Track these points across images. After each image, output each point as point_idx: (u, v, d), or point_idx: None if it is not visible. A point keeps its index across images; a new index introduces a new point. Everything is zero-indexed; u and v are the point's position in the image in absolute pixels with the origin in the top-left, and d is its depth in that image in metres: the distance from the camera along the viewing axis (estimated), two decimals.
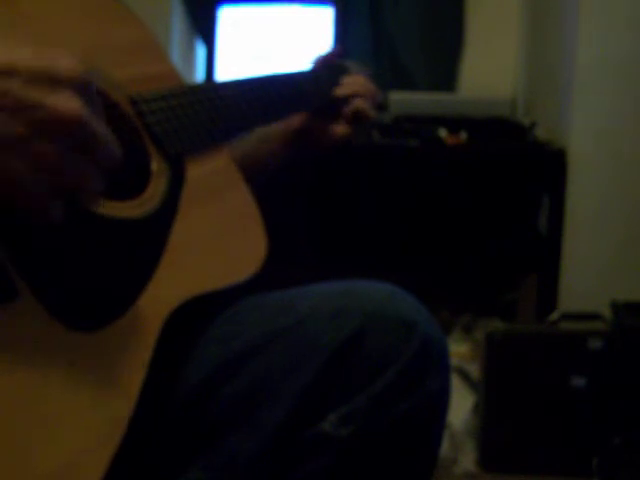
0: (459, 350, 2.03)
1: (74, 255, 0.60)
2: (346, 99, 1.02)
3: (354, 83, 1.04)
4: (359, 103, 1.02)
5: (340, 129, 1.02)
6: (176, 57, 2.45)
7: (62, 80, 0.54)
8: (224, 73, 2.17)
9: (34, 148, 0.53)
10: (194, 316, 0.71)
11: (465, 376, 1.94)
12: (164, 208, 0.69)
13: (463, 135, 2.00)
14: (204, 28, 2.36)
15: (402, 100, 2.10)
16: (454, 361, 1.95)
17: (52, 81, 0.53)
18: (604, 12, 1.88)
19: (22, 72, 0.52)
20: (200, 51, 2.48)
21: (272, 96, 0.89)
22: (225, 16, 2.19)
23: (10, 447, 0.52)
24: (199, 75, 2.49)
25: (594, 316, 1.78)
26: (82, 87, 0.55)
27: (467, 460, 1.76)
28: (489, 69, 2.43)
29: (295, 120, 1.02)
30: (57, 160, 0.54)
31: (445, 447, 1.75)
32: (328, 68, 1.06)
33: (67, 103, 0.53)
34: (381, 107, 1.14)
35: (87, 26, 0.72)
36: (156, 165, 0.70)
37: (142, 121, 0.71)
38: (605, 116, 1.90)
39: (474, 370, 1.91)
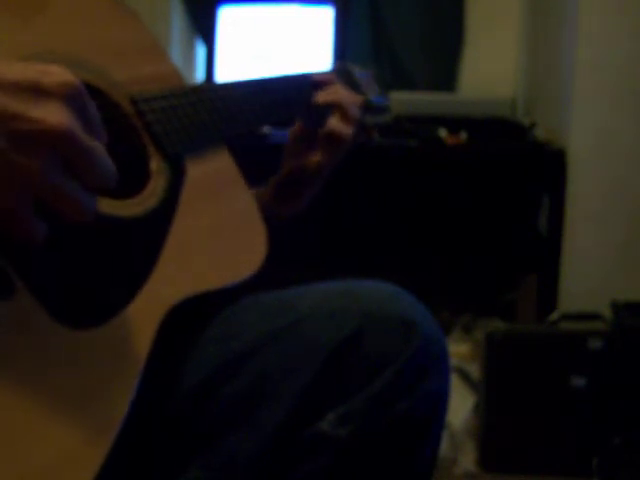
0: (459, 350, 2.03)
1: (71, 252, 0.60)
2: (322, 118, 0.90)
3: (333, 92, 0.91)
4: (331, 121, 0.88)
5: (314, 159, 0.88)
6: (176, 57, 2.45)
7: (49, 92, 0.51)
8: (224, 73, 2.17)
9: (15, 163, 0.50)
10: (193, 315, 0.71)
11: (465, 376, 1.94)
12: (163, 207, 0.69)
13: (463, 135, 2.00)
14: (204, 28, 2.36)
15: (402, 100, 2.10)
16: (454, 361, 1.95)
17: (38, 93, 0.51)
18: (604, 12, 1.88)
19: (7, 84, 0.50)
20: (200, 51, 2.48)
21: (273, 97, 0.89)
22: (225, 16, 2.19)
23: (3, 443, 0.51)
24: (199, 75, 2.49)
25: (594, 316, 1.78)
26: (72, 99, 0.52)
27: (467, 460, 1.76)
28: (489, 69, 2.43)
29: (282, 166, 0.92)
30: (40, 176, 0.51)
31: (445, 447, 1.75)
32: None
33: (53, 115, 0.50)
34: (384, 110, 1.11)
35: (89, 26, 0.72)
36: (155, 164, 0.70)
37: (142, 120, 0.71)
38: (605, 116, 1.90)
39: (474, 370, 1.91)
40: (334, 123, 0.88)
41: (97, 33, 0.72)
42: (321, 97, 0.90)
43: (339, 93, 0.90)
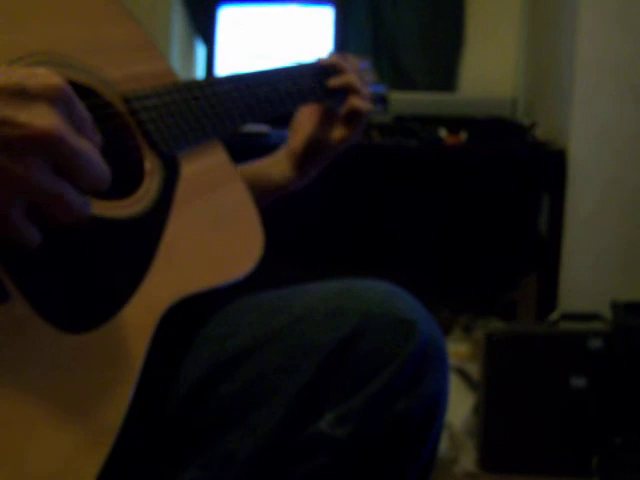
0: (459, 350, 2.03)
1: (65, 255, 0.59)
2: (342, 97, 0.99)
3: (347, 73, 1.00)
4: (352, 101, 0.98)
5: (337, 132, 0.99)
6: (176, 57, 2.45)
7: (35, 95, 0.50)
8: (224, 73, 2.17)
9: (5, 169, 0.49)
10: (190, 315, 0.71)
11: (465, 376, 1.94)
12: (158, 206, 0.68)
13: (463, 135, 2.00)
14: (204, 28, 2.36)
15: (402, 100, 2.10)
16: (454, 361, 1.95)
17: (24, 96, 0.50)
18: (604, 12, 1.88)
19: None
20: (200, 51, 2.48)
21: (267, 91, 0.89)
22: (225, 16, 2.19)
23: (1, 449, 0.51)
24: (199, 75, 2.49)
25: (594, 316, 1.78)
26: (59, 101, 0.52)
27: (467, 460, 1.76)
28: (489, 69, 2.43)
29: (297, 138, 1.00)
30: (31, 181, 0.50)
31: (445, 447, 1.75)
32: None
33: (39, 119, 0.50)
34: (383, 100, 1.12)
35: (82, 25, 0.71)
36: (149, 163, 0.70)
37: (135, 119, 0.70)
38: (605, 116, 1.90)
39: (474, 370, 1.90)
40: (353, 101, 0.98)
41: (89, 32, 0.72)
42: (335, 81, 0.99)
43: (350, 75, 1.00)
